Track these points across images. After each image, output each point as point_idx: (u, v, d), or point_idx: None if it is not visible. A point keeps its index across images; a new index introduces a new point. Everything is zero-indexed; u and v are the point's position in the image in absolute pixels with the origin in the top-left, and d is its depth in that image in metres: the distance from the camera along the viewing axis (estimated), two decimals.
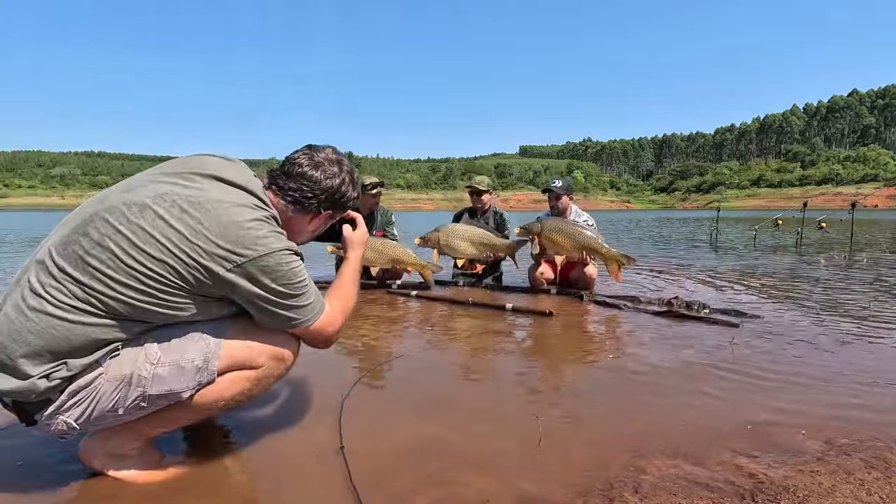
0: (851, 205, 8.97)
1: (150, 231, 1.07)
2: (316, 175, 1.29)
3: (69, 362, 1.07)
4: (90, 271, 1.06)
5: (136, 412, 1.16)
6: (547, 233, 3.60)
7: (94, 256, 1.06)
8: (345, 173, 1.33)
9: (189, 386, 1.16)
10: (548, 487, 1.22)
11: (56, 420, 1.10)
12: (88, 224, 1.09)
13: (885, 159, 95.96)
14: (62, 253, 1.08)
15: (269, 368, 1.27)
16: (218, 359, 1.18)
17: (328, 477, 1.27)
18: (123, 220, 1.08)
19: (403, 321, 3.11)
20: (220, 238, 1.09)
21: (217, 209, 1.11)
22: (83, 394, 1.09)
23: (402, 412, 1.69)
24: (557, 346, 2.58)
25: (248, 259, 1.11)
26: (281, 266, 1.15)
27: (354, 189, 1.38)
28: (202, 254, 1.08)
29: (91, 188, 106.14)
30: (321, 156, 1.31)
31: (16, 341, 1.04)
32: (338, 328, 1.33)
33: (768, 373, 2.07)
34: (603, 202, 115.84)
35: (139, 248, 1.06)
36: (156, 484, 1.24)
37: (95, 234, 1.07)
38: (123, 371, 1.11)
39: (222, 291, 1.14)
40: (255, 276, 1.13)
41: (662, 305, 3.30)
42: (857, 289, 4.28)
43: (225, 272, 1.10)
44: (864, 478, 1.26)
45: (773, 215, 12.16)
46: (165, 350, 1.14)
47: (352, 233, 1.50)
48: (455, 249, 3.93)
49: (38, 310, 1.05)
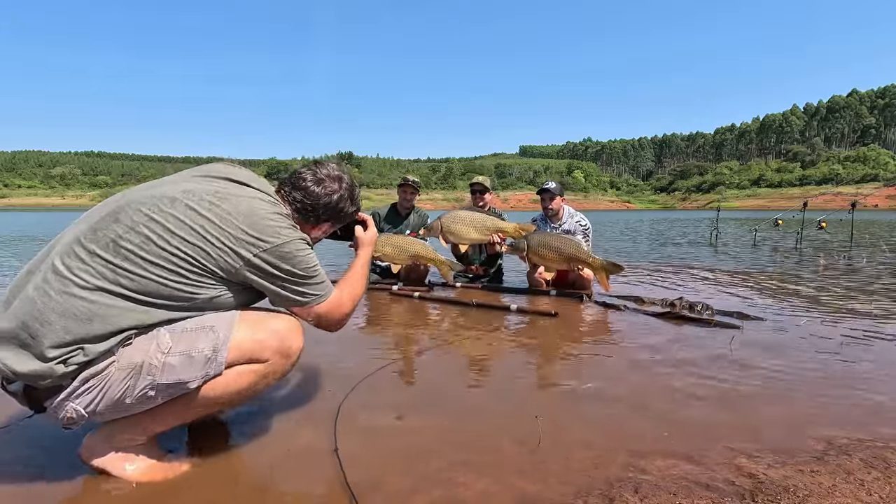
0: (851, 205, 8.96)
1: (182, 219, 1.17)
2: (317, 191, 1.41)
3: (86, 347, 1.10)
4: (123, 253, 1.13)
5: (143, 402, 1.19)
6: (534, 248, 3.64)
7: (127, 240, 1.14)
8: (344, 189, 1.46)
9: (197, 376, 1.19)
10: (547, 487, 1.22)
11: (66, 407, 1.12)
12: (119, 213, 1.18)
13: (885, 159, 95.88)
14: (92, 238, 1.15)
15: (275, 363, 1.30)
16: (227, 350, 1.22)
17: (327, 477, 1.27)
18: (156, 209, 1.18)
19: (405, 322, 3.11)
20: (247, 226, 1.21)
21: (241, 203, 1.24)
22: (94, 381, 1.13)
23: (402, 412, 1.69)
24: (557, 346, 2.58)
25: (271, 245, 1.23)
26: (298, 253, 1.28)
27: (353, 204, 1.51)
28: (231, 239, 1.20)
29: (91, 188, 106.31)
30: (324, 172, 1.44)
31: (38, 320, 1.08)
32: (346, 312, 1.44)
33: (769, 373, 2.07)
34: (603, 202, 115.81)
35: (173, 233, 1.16)
36: (156, 483, 1.24)
37: (128, 220, 1.16)
38: (135, 360, 1.15)
39: (245, 272, 1.23)
40: (276, 261, 1.25)
41: (665, 306, 3.30)
42: (858, 289, 4.28)
43: (252, 256, 1.22)
44: (864, 478, 1.26)
45: (773, 215, 12.16)
46: (177, 340, 1.18)
47: (363, 233, 1.64)
48: (458, 235, 3.91)
49: (64, 291, 1.09)
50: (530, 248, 3.65)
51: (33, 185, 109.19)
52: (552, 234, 3.79)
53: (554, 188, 4.10)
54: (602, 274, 3.53)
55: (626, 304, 3.43)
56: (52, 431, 1.50)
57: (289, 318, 1.36)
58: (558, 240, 3.62)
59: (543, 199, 4.14)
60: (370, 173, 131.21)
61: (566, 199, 4.26)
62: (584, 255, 3.53)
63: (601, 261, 3.54)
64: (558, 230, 4.08)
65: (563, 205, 4.18)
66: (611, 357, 2.37)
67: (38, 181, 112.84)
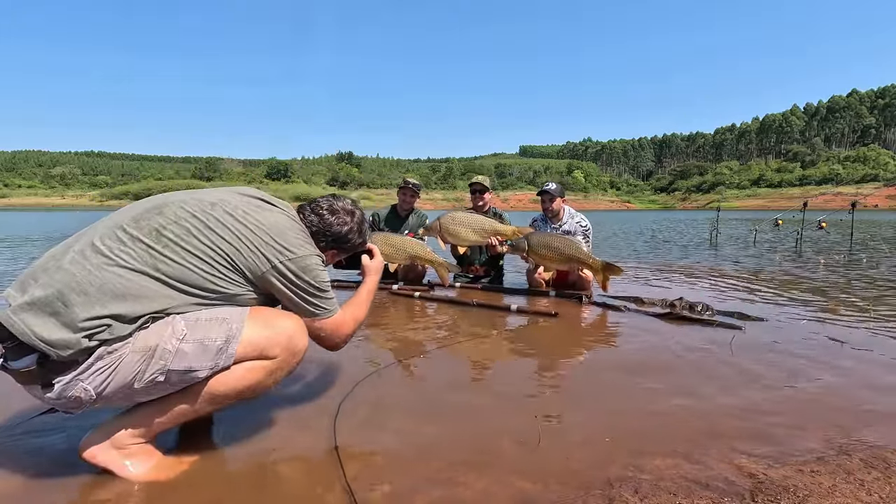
0: (852, 205, 8.97)
1: (221, 220, 1.29)
2: (330, 219, 1.54)
3: (114, 325, 1.14)
4: (164, 241, 1.22)
5: (150, 390, 1.21)
6: (534, 248, 3.64)
7: (169, 230, 1.24)
8: (354, 223, 1.58)
9: (207, 366, 1.22)
10: (547, 487, 1.23)
11: (75, 385, 1.14)
12: (164, 208, 1.29)
13: (885, 159, 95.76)
14: (135, 226, 1.24)
15: (283, 360, 1.33)
16: (238, 343, 1.24)
17: (327, 477, 1.27)
18: (198, 209, 1.29)
19: (405, 322, 3.11)
20: (277, 237, 1.34)
21: (271, 216, 1.37)
22: (109, 359, 1.15)
23: (402, 412, 1.69)
24: (557, 347, 2.58)
25: (296, 256, 1.35)
26: (316, 267, 1.40)
27: (360, 237, 1.62)
28: (262, 244, 1.31)
29: (91, 188, 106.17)
30: (339, 204, 1.58)
31: (74, 290, 1.13)
32: (348, 332, 1.53)
33: (769, 373, 2.08)
34: (603, 202, 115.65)
35: (212, 230, 1.27)
36: (158, 482, 1.24)
37: (172, 214, 1.27)
38: (150, 343, 1.18)
39: (269, 277, 1.33)
40: (298, 271, 1.35)
41: (665, 307, 3.30)
42: (857, 289, 4.28)
43: (278, 262, 1.32)
44: (864, 478, 1.26)
45: (773, 215, 12.17)
46: (192, 328, 1.22)
47: (369, 262, 1.74)
48: (456, 236, 3.92)
49: (103, 266, 1.17)
50: (530, 248, 3.65)
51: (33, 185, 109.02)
52: (552, 235, 3.80)
53: (554, 189, 4.11)
54: (601, 275, 3.53)
55: (627, 305, 3.43)
56: (52, 430, 1.51)
57: (296, 317, 1.38)
58: (558, 240, 3.62)
59: (543, 200, 4.16)
60: (370, 173, 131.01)
61: (566, 200, 4.27)
62: (584, 256, 3.54)
63: (601, 262, 3.55)
64: (559, 231, 4.08)
65: (563, 205, 4.19)
66: (610, 357, 2.37)
67: (38, 181, 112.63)
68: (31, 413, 1.61)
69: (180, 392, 1.25)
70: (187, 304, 1.23)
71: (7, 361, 1.11)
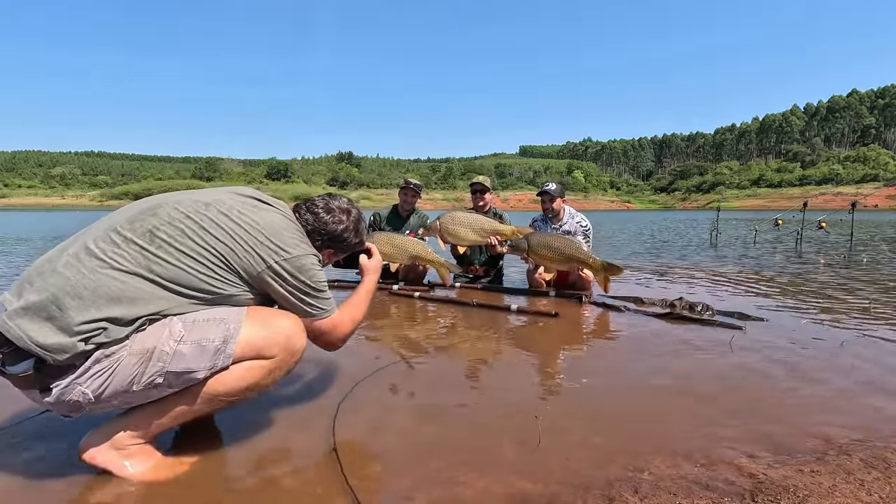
0: (852, 205, 8.96)
1: (215, 221, 1.28)
2: (326, 218, 1.52)
3: (109, 328, 1.13)
4: (157, 242, 1.22)
5: (148, 392, 1.20)
6: (534, 248, 3.64)
7: (163, 232, 1.23)
8: (350, 222, 1.56)
9: (206, 366, 1.21)
10: (548, 487, 1.22)
11: (74, 389, 1.13)
12: (157, 209, 1.28)
13: (885, 159, 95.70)
14: (129, 228, 1.23)
15: (281, 360, 1.32)
16: (236, 342, 1.24)
17: (327, 477, 1.27)
18: (192, 210, 1.28)
19: (405, 322, 3.11)
20: (272, 236, 1.33)
21: (267, 216, 1.36)
22: (106, 363, 1.14)
23: (402, 412, 1.69)
24: (557, 347, 2.58)
25: (291, 255, 1.34)
26: (312, 267, 1.39)
27: (356, 236, 1.60)
28: (257, 244, 1.30)
29: (91, 188, 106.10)
30: (335, 203, 1.56)
31: (69, 294, 1.12)
32: (345, 332, 1.51)
33: (769, 373, 2.07)
34: (603, 202, 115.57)
35: (206, 231, 1.26)
36: (157, 482, 1.24)
37: (166, 215, 1.26)
38: (147, 345, 1.18)
39: (265, 277, 1.32)
40: (293, 270, 1.34)
41: (665, 307, 3.30)
42: (857, 289, 4.28)
43: (273, 262, 1.31)
44: (864, 478, 1.26)
45: (773, 215, 12.16)
46: (189, 329, 1.21)
47: (367, 261, 1.73)
48: (456, 236, 3.92)
49: (97, 270, 1.16)
50: (531, 248, 3.65)
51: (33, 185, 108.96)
52: (553, 235, 3.79)
53: (554, 190, 4.11)
54: (601, 275, 3.53)
55: (627, 305, 3.43)
56: (52, 432, 1.51)
57: (294, 316, 1.38)
58: (559, 240, 3.62)
59: (543, 200, 4.17)
60: (370, 173, 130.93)
61: (566, 200, 4.27)
62: (584, 256, 3.54)
63: (601, 262, 3.55)
64: (559, 231, 4.08)
65: (563, 205, 4.20)
66: (610, 357, 2.37)
67: (38, 181, 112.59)
68: (31, 413, 1.61)
69: (179, 393, 1.24)
70: (183, 306, 1.23)
71: (5, 366, 1.11)
